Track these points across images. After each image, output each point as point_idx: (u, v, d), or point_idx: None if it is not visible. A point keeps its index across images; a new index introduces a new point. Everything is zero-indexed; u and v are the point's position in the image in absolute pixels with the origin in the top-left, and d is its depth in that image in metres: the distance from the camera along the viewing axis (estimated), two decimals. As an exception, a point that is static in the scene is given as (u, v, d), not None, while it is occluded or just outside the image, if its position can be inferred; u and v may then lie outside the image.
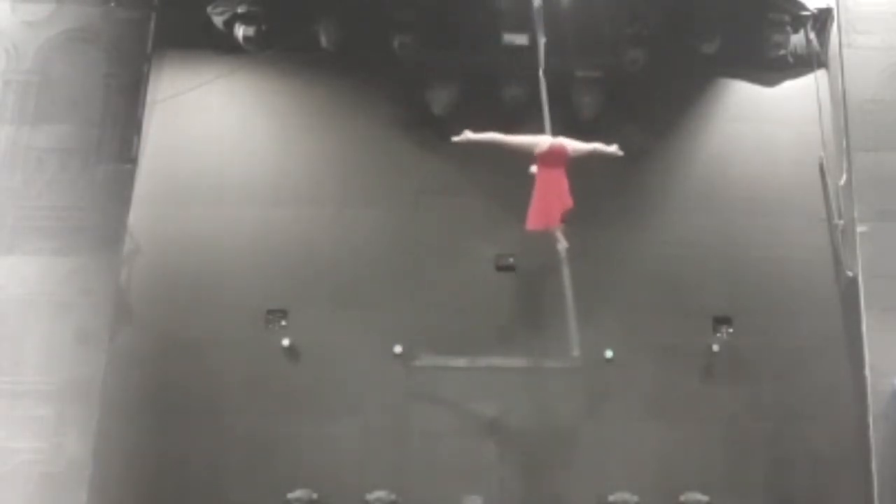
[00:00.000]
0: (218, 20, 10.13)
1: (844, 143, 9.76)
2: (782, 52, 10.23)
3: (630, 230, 9.92)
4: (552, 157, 8.54)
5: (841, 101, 9.87)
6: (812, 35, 10.29)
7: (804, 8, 10.17)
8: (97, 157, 9.68)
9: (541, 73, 8.85)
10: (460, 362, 9.58)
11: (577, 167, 10.04)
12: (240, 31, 10.02)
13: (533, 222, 8.50)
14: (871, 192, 9.57)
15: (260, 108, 10.29)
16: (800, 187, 10.05)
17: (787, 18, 10.12)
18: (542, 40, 8.92)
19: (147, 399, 9.24)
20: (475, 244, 9.83)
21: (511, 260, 9.84)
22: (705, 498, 9.16)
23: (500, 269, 9.86)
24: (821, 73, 10.27)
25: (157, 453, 9.14)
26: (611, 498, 9.19)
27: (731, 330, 9.71)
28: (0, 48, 9.86)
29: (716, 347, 9.59)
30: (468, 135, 8.65)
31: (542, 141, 8.59)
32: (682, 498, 9.17)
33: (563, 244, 8.62)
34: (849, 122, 9.75)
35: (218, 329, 9.49)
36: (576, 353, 8.89)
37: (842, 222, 9.72)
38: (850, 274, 9.54)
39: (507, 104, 10.05)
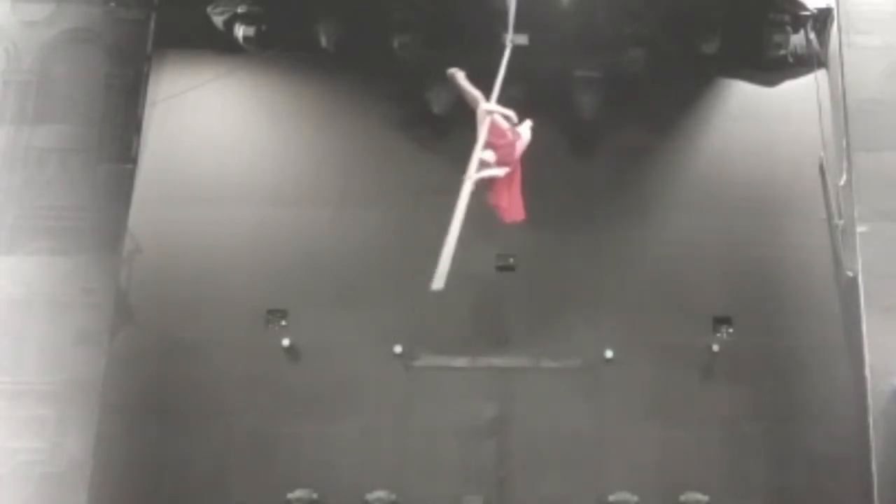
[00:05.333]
0: (218, 20, 10.14)
1: (844, 143, 9.74)
2: (782, 52, 10.22)
3: (630, 230, 9.92)
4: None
5: (841, 101, 9.86)
6: (812, 35, 10.29)
7: (804, 8, 10.17)
8: (97, 157, 9.68)
9: (508, 40, 8.43)
10: (460, 362, 9.59)
11: (577, 167, 10.09)
12: (240, 31, 10.04)
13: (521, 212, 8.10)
14: (871, 192, 9.55)
15: (260, 108, 10.30)
16: (800, 187, 10.05)
17: (787, 18, 10.12)
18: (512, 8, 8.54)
19: (147, 399, 9.25)
20: (475, 244, 9.82)
21: (511, 260, 9.85)
22: (705, 498, 9.17)
23: (500, 269, 9.87)
24: (821, 73, 10.26)
25: (157, 453, 9.15)
26: (611, 498, 9.19)
27: (731, 330, 9.71)
28: (0, 48, 9.87)
29: (716, 347, 9.59)
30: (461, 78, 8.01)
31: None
32: (682, 498, 9.18)
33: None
34: (849, 122, 9.73)
35: (218, 329, 9.50)
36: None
37: (842, 222, 9.71)
38: (850, 274, 9.52)
39: (507, 104, 10.03)
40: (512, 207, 8.04)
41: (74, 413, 8.90)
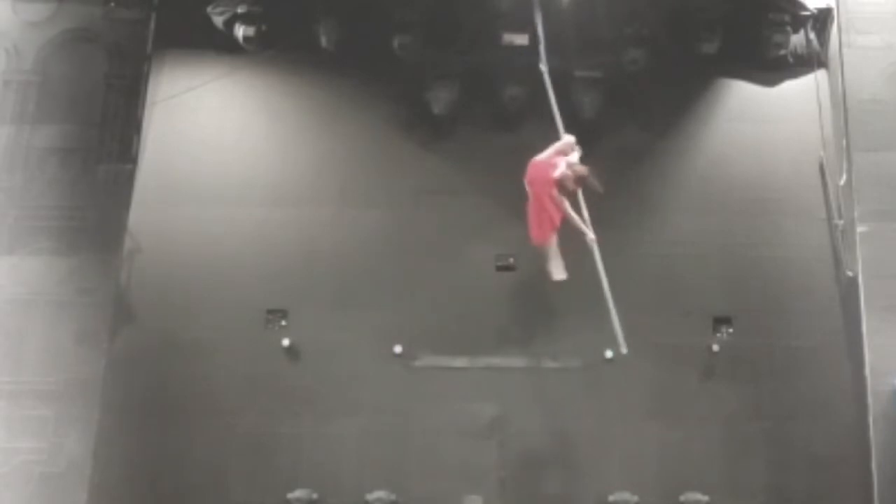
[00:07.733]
0: (218, 20, 10.14)
1: (844, 143, 9.76)
2: (782, 52, 10.22)
3: (630, 230, 9.91)
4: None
5: (841, 101, 9.87)
6: (812, 35, 10.30)
7: (804, 8, 10.17)
8: (97, 157, 9.70)
9: (545, 70, 8.76)
10: (460, 362, 9.58)
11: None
12: (240, 31, 10.04)
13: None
14: (871, 192, 9.56)
15: (260, 108, 10.30)
16: (800, 187, 10.04)
17: (787, 18, 10.12)
18: (541, 39, 8.89)
19: (147, 399, 9.25)
20: (475, 244, 9.83)
21: (511, 260, 9.84)
22: (705, 498, 9.16)
23: (500, 269, 9.86)
24: (821, 73, 10.27)
25: (157, 453, 9.14)
26: (611, 498, 9.18)
27: (731, 330, 9.71)
28: (0, 48, 9.87)
29: (716, 347, 9.58)
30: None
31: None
32: (682, 498, 9.17)
33: (590, 236, 8.57)
34: (849, 122, 9.75)
35: (218, 329, 9.49)
36: (623, 350, 8.55)
37: (842, 222, 9.72)
38: (850, 274, 9.53)
39: (507, 104, 10.07)
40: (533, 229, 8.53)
41: (74, 413, 8.90)
